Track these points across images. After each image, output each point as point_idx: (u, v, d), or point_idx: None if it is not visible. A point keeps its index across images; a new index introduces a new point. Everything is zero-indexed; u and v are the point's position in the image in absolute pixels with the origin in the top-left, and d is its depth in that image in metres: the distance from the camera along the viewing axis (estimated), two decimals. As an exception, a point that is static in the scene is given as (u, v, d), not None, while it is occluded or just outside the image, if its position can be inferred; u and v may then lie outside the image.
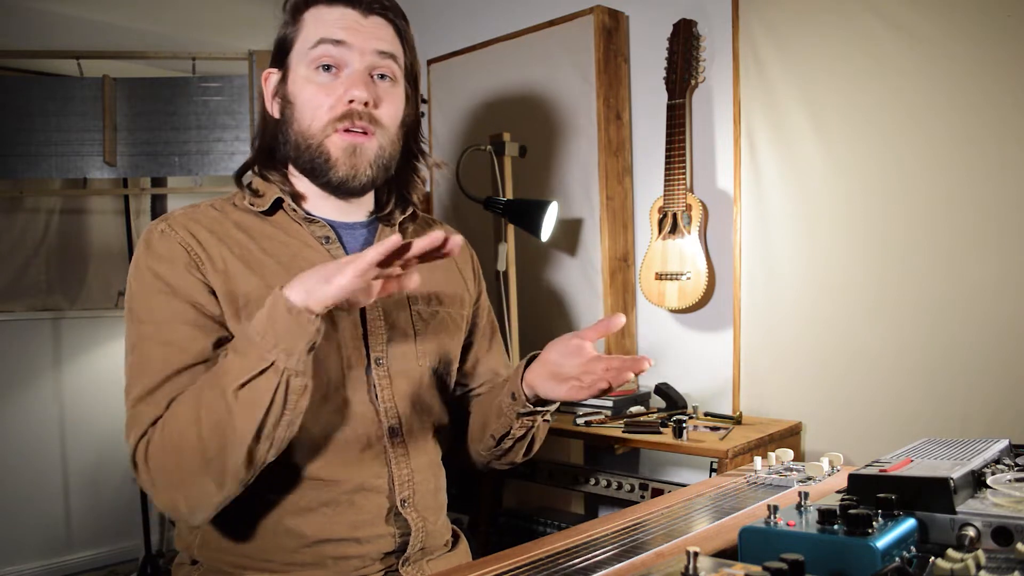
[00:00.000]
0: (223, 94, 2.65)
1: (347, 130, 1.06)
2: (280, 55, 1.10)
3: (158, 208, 3.17)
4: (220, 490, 0.94)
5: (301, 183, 1.13)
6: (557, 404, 1.14)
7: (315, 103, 1.05)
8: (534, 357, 1.11)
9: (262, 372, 0.89)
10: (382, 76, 1.08)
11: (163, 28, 3.20)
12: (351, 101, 1.05)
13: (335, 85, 1.05)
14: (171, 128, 2.63)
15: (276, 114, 1.11)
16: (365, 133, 1.07)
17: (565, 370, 1.04)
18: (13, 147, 2.55)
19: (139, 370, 1.00)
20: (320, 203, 1.13)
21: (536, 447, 1.24)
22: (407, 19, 1.12)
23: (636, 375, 0.97)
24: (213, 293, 1.02)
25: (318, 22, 1.06)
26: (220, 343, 1.01)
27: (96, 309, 3.10)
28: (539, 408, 1.11)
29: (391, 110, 1.10)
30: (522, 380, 1.10)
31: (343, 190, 1.10)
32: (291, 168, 1.13)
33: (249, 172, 1.15)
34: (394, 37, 1.10)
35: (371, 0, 1.07)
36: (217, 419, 0.90)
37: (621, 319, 1.00)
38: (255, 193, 1.12)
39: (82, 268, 3.09)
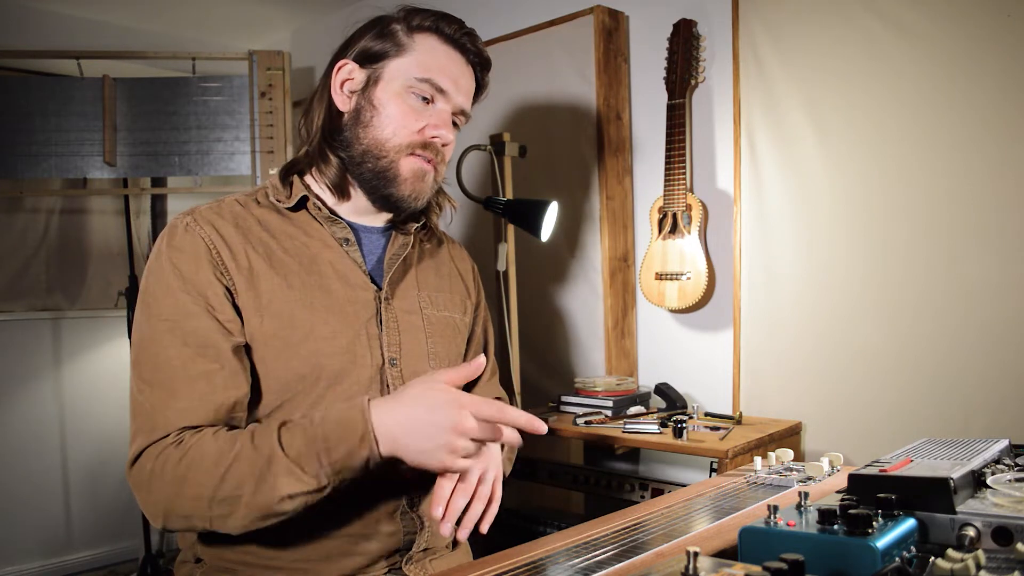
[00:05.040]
0: (223, 94, 2.64)
1: (421, 155, 1.11)
2: (372, 58, 1.11)
3: (158, 208, 3.17)
4: (202, 526, 0.96)
5: (325, 192, 1.14)
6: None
7: (403, 121, 1.09)
8: None
9: (313, 492, 0.93)
10: (455, 125, 1.17)
11: (163, 28, 3.20)
12: (435, 137, 1.11)
13: (425, 113, 1.11)
14: (171, 128, 2.63)
15: (346, 108, 1.12)
16: (434, 164, 1.13)
17: None
18: (13, 147, 2.55)
19: (154, 367, 0.99)
20: (343, 206, 1.15)
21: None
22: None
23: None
24: (231, 294, 1.03)
25: (431, 54, 1.11)
26: (234, 348, 1.01)
27: (96, 309, 3.10)
28: None
29: (451, 152, 1.17)
30: None
31: (395, 207, 1.14)
32: (316, 173, 1.14)
33: (276, 174, 1.17)
34: (473, 94, 1.18)
35: (477, 60, 1.15)
36: (240, 491, 0.92)
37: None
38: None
39: (82, 268, 3.09)
